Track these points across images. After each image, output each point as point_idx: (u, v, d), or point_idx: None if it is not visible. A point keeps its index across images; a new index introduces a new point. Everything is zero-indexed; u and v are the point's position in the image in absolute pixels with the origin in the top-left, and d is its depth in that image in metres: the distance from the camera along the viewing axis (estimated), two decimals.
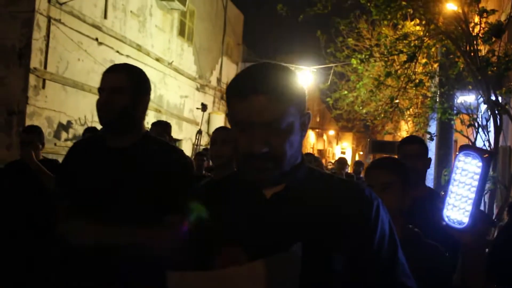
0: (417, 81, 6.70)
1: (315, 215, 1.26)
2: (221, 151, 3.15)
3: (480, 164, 1.33)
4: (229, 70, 18.23)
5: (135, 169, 2.11)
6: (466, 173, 1.37)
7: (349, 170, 11.78)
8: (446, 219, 1.38)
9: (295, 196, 1.29)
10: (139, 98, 2.20)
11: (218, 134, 3.25)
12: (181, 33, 14.17)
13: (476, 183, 1.33)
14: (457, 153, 1.48)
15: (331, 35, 8.66)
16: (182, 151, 2.36)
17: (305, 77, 18.49)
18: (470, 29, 6.01)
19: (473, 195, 1.33)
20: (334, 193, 1.30)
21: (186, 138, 14.38)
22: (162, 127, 4.55)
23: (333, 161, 17.07)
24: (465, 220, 1.33)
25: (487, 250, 1.47)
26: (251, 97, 1.18)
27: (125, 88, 2.13)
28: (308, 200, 1.29)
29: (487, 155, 1.36)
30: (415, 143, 3.04)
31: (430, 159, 3.12)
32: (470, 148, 1.42)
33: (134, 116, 2.18)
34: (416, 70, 7.15)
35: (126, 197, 2.07)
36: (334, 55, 9.48)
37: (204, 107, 9.91)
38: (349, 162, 15.65)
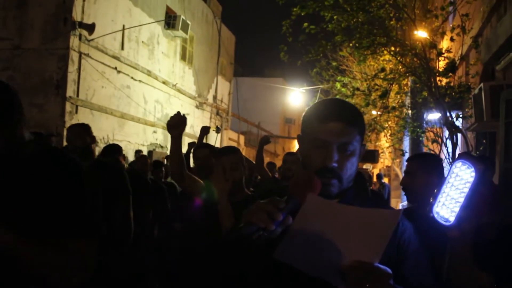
0: (390, 108, 8.32)
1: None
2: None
3: (473, 174, 1.38)
4: (223, 88, 19.78)
5: (7, 182, 1.61)
6: (460, 179, 1.41)
7: None
8: (435, 214, 1.44)
9: None
10: (4, 124, 1.64)
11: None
12: (183, 57, 15.73)
13: (467, 189, 1.38)
14: (456, 158, 1.57)
15: (317, 56, 9.97)
16: (67, 154, 1.74)
17: (296, 97, 20.08)
18: (431, 66, 7.66)
19: (462, 199, 1.37)
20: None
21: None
22: (81, 128, 4.04)
23: None
24: (452, 219, 1.39)
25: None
26: (331, 122, 1.42)
27: None
28: None
29: (482, 167, 1.39)
30: (412, 160, 2.86)
31: (432, 175, 2.71)
32: (469, 157, 1.45)
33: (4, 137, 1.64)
34: (390, 97, 8.76)
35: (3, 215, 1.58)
36: (320, 74, 11.00)
37: (218, 129, 11.15)
38: None
